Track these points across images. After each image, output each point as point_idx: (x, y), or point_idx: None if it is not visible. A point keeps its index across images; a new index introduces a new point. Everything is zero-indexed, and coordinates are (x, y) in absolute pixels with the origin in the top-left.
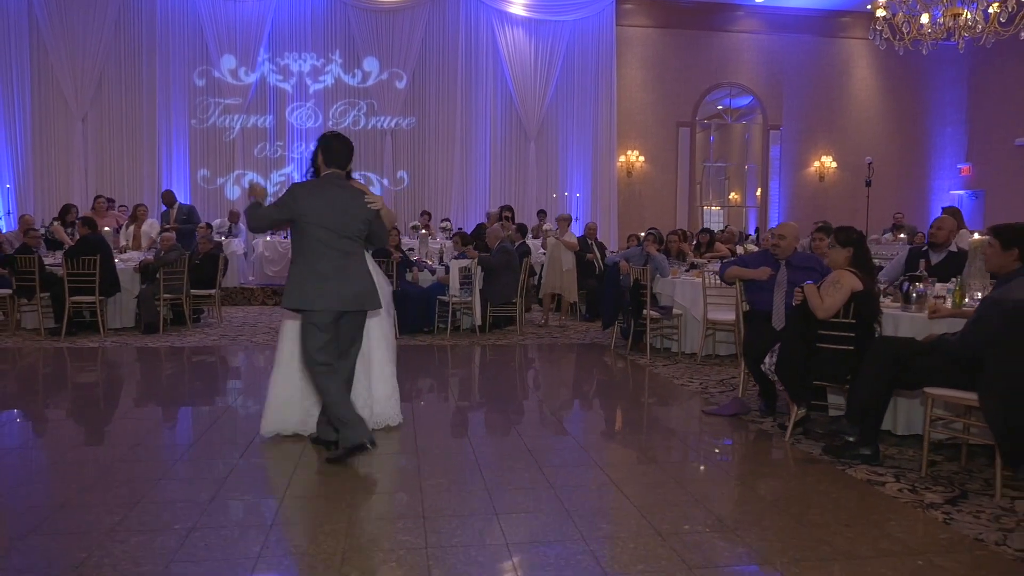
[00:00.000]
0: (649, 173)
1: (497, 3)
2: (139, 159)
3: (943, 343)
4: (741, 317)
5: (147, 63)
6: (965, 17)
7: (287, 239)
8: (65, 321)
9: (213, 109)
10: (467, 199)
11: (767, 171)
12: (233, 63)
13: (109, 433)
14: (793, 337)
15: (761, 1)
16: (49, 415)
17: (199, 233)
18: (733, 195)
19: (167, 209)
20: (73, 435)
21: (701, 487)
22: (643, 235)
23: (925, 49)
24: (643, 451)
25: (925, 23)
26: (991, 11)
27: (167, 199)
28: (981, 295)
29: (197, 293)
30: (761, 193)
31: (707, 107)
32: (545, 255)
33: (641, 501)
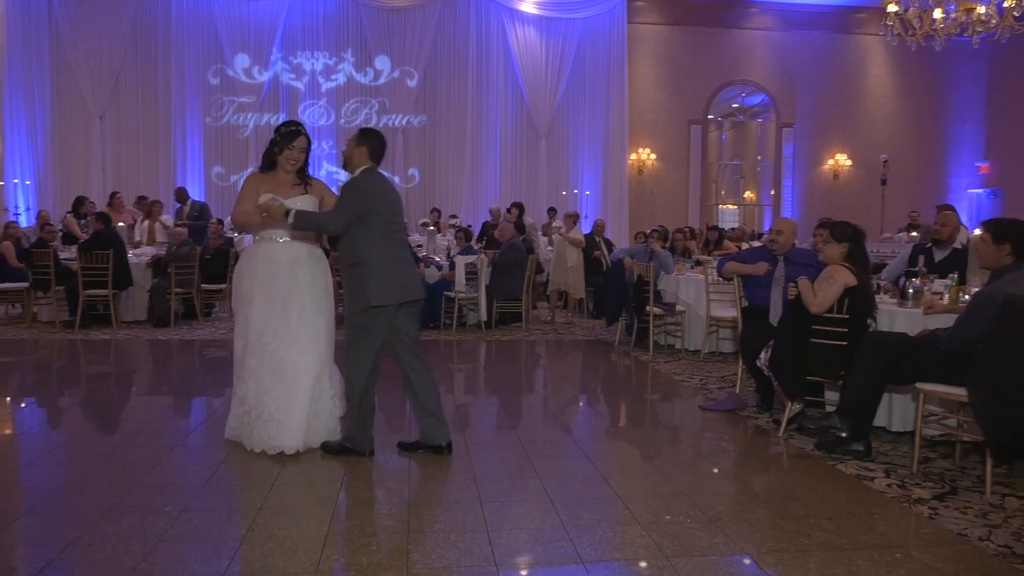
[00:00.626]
0: (661, 171)
1: (508, 1)
2: (155, 156)
3: (935, 338)
4: (740, 313)
5: (163, 62)
6: (979, 12)
7: None
8: (79, 314)
9: (227, 107)
10: (478, 197)
11: (780, 169)
12: (247, 62)
13: (114, 421)
14: (787, 332)
15: None
16: (61, 403)
17: (211, 229)
18: (748, 193)
19: (181, 206)
20: (80, 422)
21: (688, 480)
22: (648, 232)
23: (939, 45)
24: (635, 445)
25: (938, 18)
26: (1006, 5)
27: (179, 196)
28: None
29: (208, 287)
30: (775, 192)
31: (719, 105)
32: (552, 252)
33: (626, 492)
